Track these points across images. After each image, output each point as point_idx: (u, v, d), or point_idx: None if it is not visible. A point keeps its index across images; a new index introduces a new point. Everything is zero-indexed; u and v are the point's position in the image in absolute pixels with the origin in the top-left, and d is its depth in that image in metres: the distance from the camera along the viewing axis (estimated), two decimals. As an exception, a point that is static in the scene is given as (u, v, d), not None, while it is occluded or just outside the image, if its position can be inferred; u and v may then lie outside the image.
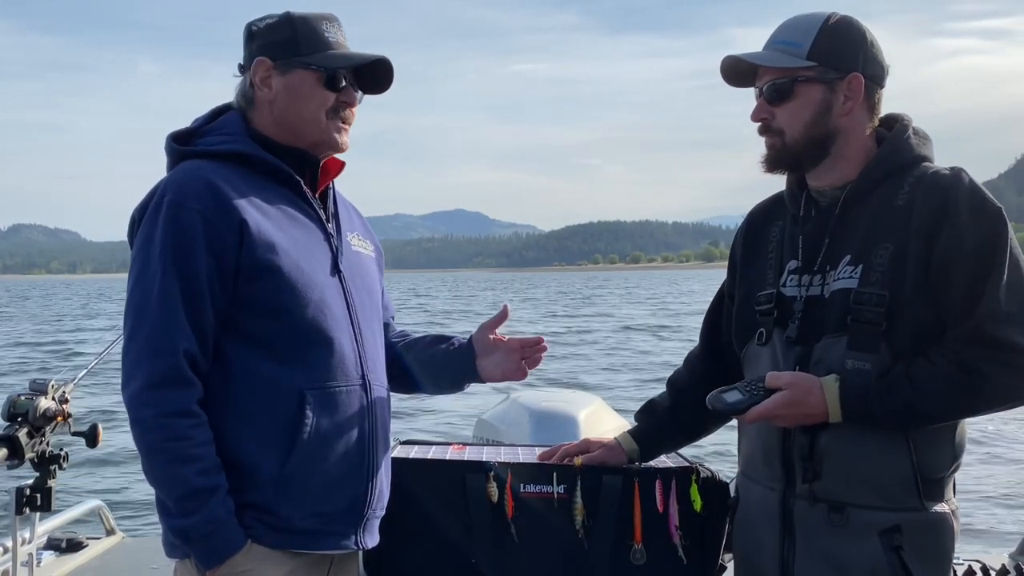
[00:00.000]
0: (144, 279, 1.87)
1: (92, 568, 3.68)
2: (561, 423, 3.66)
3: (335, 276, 2.00)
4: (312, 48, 1.99)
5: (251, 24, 2.04)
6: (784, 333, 1.97)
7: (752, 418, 1.88)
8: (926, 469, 1.86)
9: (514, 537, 2.22)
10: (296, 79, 1.98)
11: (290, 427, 1.88)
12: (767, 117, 1.98)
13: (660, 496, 2.24)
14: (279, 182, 2.00)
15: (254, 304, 1.89)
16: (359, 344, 2.00)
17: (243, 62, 2.05)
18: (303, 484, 1.90)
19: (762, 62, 1.97)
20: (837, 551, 1.89)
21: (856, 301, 1.86)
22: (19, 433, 2.32)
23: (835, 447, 1.88)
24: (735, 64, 2.00)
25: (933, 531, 1.88)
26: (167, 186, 1.91)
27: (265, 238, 1.89)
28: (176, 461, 1.81)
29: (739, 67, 2.01)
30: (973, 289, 1.80)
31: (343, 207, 2.14)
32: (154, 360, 1.83)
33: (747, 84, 2.03)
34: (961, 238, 1.81)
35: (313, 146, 2.03)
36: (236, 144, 1.98)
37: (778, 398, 1.85)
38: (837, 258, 1.93)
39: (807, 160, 1.97)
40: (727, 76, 2.03)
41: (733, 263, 2.20)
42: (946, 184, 1.87)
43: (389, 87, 2.10)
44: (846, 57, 1.94)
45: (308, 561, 1.96)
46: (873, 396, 1.82)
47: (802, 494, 1.92)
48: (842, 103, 1.94)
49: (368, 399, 2.00)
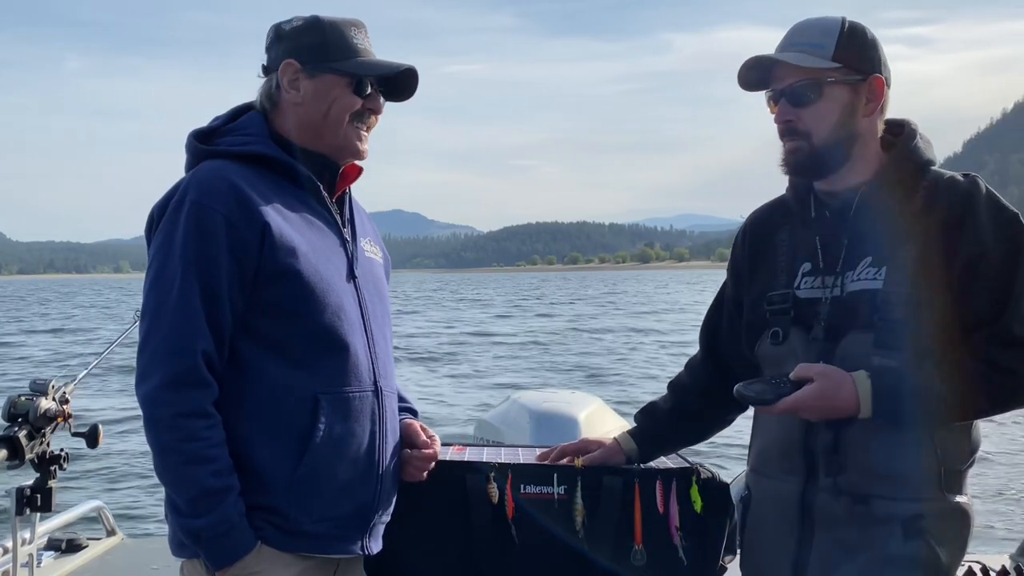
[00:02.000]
0: (163, 278, 1.86)
1: (92, 569, 3.68)
2: (561, 424, 3.66)
3: (351, 282, 2.00)
4: (342, 54, 1.98)
5: (279, 26, 2.03)
6: (809, 333, 1.97)
7: (782, 408, 1.87)
8: (948, 461, 1.89)
9: (514, 538, 2.22)
10: (325, 83, 1.98)
11: (303, 431, 1.88)
12: (792, 119, 1.95)
13: (660, 497, 2.24)
14: (299, 186, 1.99)
15: (272, 307, 1.88)
16: (372, 350, 2.00)
17: (267, 63, 2.04)
18: (314, 488, 1.89)
19: (792, 61, 1.94)
20: (858, 541, 1.90)
21: (884, 300, 1.87)
22: (19, 434, 2.32)
23: (860, 440, 1.89)
24: (754, 65, 1.98)
25: (954, 519, 1.90)
26: (189, 185, 1.89)
27: (286, 242, 1.88)
28: (190, 462, 1.81)
29: (756, 70, 1.99)
30: (999, 291, 1.83)
31: (357, 212, 2.14)
32: (172, 359, 1.82)
33: (759, 88, 2.01)
34: (983, 242, 1.84)
35: (334, 151, 2.03)
36: (258, 146, 1.97)
37: (809, 389, 1.85)
38: (856, 260, 1.94)
39: (832, 163, 1.96)
40: (744, 78, 2.00)
41: (737, 270, 2.20)
42: (965, 190, 1.89)
43: (413, 95, 2.10)
44: (867, 59, 1.94)
45: (315, 564, 1.96)
46: (904, 393, 1.84)
47: (825, 487, 1.93)
48: (864, 105, 1.94)
49: (380, 405, 1.99)
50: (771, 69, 1.98)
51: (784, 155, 1.99)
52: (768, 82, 1.99)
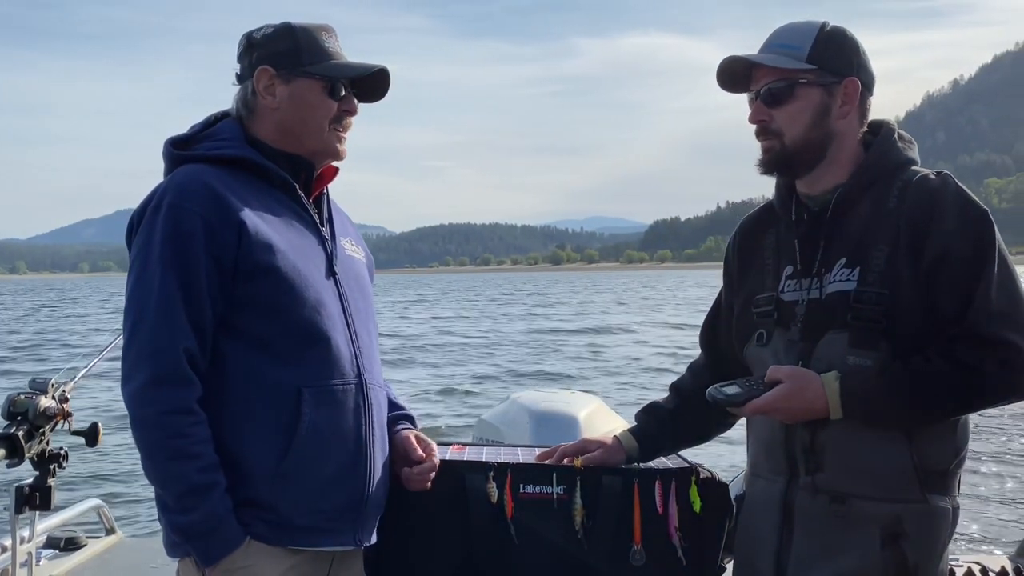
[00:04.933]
0: (144, 279, 1.89)
1: (91, 567, 3.68)
2: (561, 423, 3.66)
3: (330, 279, 2.03)
4: (314, 58, 2.03)
5: (250, 34, 2.08)
6: (786, 335, 2.00)
7: (750, 410, 1.93)
8: (927, 461, 1.90)
9: (513, 538, 2.22)
10: (300, 88, 2.03)
11: (287, 424, 1.90)
12: (766, 119, 2.00)
13: (660, 497, 2.24)
14: (275, 186, 2.03)
15: (252, 303, 1.92)
16: (355, 344, 2.02)
17: (241, 72, 2.08)
18: (301, 481, 1.91)
19: (764, 62, 1.99)
20: (835, 541, 1.91)
21: (856, 300, 1.89)
22: (19, 432, 2.32)
23: (836, 440, 1.91)
24: (732, 65, 2.02)
25: (931, 523, 1.90)
26: (167, 189, 1.94)
27: (263, 239, 1.91)
28: (176, 458, 1.83)
29: (735, 70, 2.03)
30: (965, 289, 1.84)
31: (337, 213, 2.18)
32: (155, 358, 1.85)
33: (740, 89, 2.06)
34: (949, 240, 1.86)
35: (313, 154, 2.08)
36: (234, 149, 2.01)
37: (777, 391, 1.89)
38: (832, 261, 1.96)
39: (804, 163, 2.00)
40: (722, 78, 2.05)
41: (729, 274, 2.24)
42: (933, 188, 1.91)
43: (385, 95, 2.15)
44: (843, 62, 1.97)
45: (307, 558, 1.97)
46: (872, 394, 1.85)
47: (804, 486, 1.96)
48: (839, 107, 1.97)
49: (365, 398, 2.02)
50: (751, 72, 2.02)
51: (760, 154, 2.02)
52: (748, 85, 2.03)
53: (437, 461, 2.18)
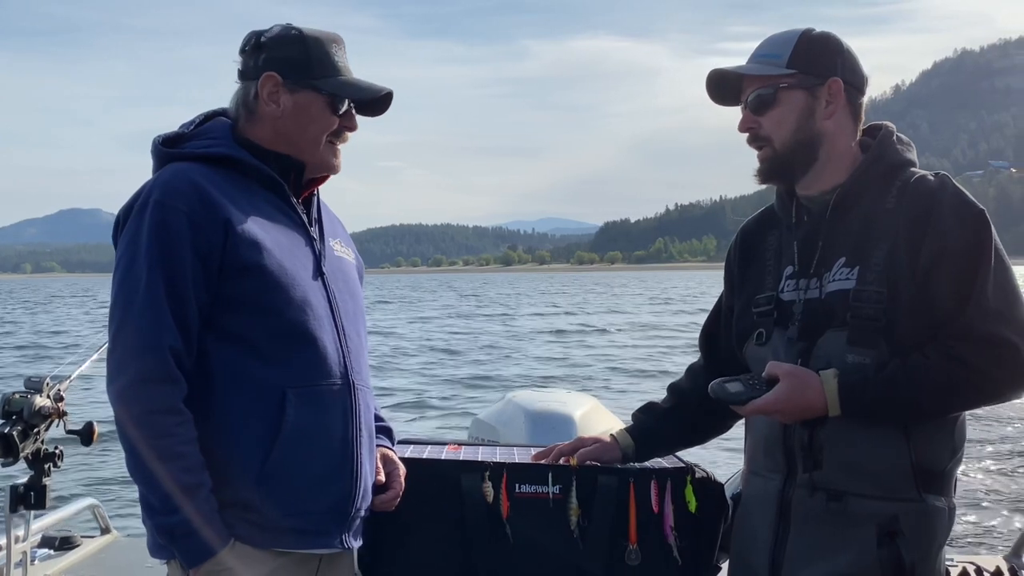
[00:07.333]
0: (130, 277, 1.88)
1: (86, 566, 3.67)
2: (557, 423, 3.66)
3: (318, 279, 2.02)
4: (324, 72, 2.02)
5: (259, 34, 2.04)
6: (785, 334, 2.02)
7: (749, 411, 1.95)
8: (924, 460, 1.91)
9: (509, 538, 2.22)
10: (304, 99, 2.01)
11: (271, 424, 1.88)
12: (753, 126, 2.04)
13: (655, 497, 2.24)
14: (264, 186, 2.02)
15: (237, 302, 1.90)
16: (343, 344, 2.01)
17: (244, 69, 2.05)
18: (286, 482, 1.90)
19: (746, 71, 2.04)
20: (830, 539, 1.92)
21: (856, 299, 1.90)
22: (13, 431, 2.32)
23: (834, 437, 1.92)
24: (720, 79, 2.07)
25: (928, 522, 1.91)
26: (154, 187, 1.92)
27: (249, 237, 1.90)
28: (160, 458, 1.81)
29: (724, 83, 2.08)
30: (962, 288, 1.86)
31: (326, 214, 2.17)
32: (141, 357, 1.83)
33: (732, 102, 2.10)
34: (946, 239, 1.87)
35: (309, 167, 2.07)
36: (222, 148, 2.00)
37: (776, 392, 1.90)
38: (831, 261, 1.98)
39: (798, 166, 2.02)
40: (713, 92, 2.10)
41: (730, 276, 2.26)
42: (932, 187, 1.93)
43: (385, 112, 2.14)
44: (824, 63, 2.01)
45: (294, 560, 1.95)
46: (871, 391, 1.87)
47: (802, 483, 1.97)
48: (824, 107, 2.00)
49: (352, 399, 2.00)
50: (740, 85, 2.07)
51: (757, 164, 2.06)
52: (739, 97, 2.08)
53: (402, 484, 2.15)
